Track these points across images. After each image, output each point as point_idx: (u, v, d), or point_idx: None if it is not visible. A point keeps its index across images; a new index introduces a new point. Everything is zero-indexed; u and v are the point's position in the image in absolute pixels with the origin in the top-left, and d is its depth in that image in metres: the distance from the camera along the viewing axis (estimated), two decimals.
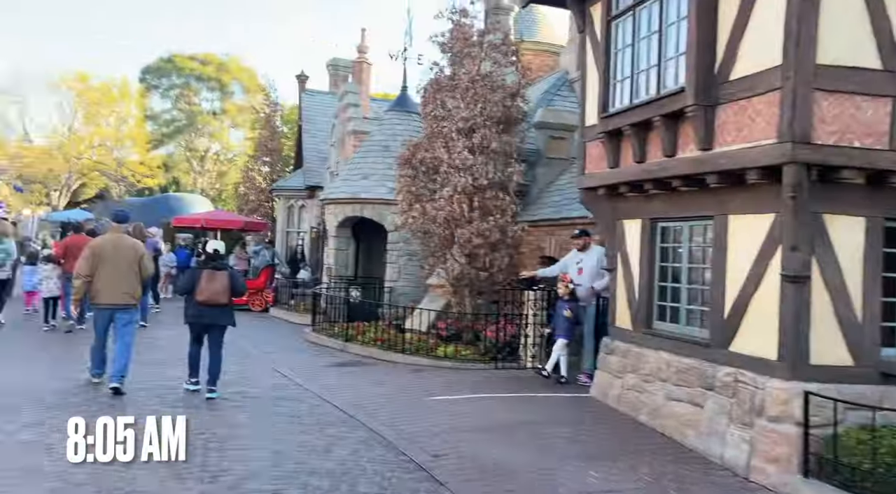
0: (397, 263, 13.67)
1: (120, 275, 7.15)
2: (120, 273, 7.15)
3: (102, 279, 7.10)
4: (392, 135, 14.41)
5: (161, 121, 50.90)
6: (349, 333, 10.89)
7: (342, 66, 24.77)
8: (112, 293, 7.12)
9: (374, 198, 13.67)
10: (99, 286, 7.11)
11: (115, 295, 7.13)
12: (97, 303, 7.21)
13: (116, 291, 7.12)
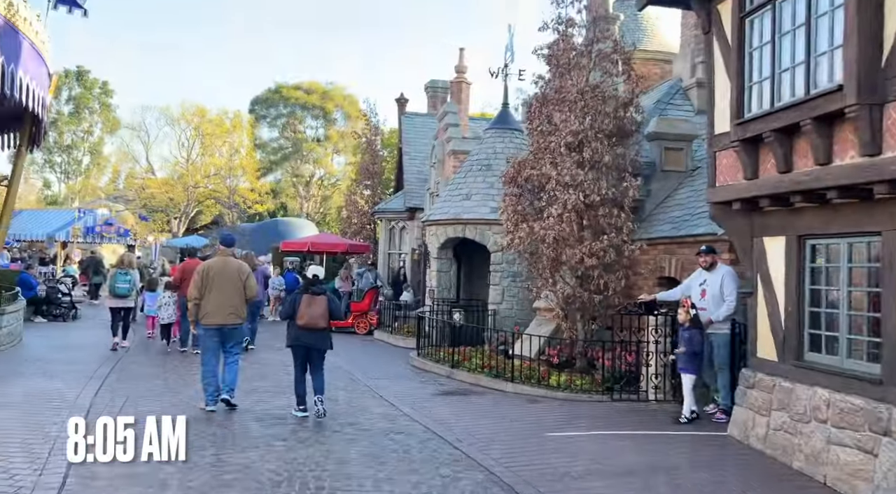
0: (500, 285, 13.23)
1: (226, 296, 7.44)
2: (226, 294, 7.43)
3: (210, 300, 7.41)
4: (493, 153, 14.08)
5: (269, 150, 53.56)
6: (455, 359, 10.53)
7: (440, 88, 24.85)
8: (220, 313, 7.42)
9: (476, 219, 13.34)
10: (208, 307, 7.43)
11: (222, 316, 7.43)
12: (207, 324, 7.50)
13: (223, 311, 7.43)
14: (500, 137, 14.30)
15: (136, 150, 47.30)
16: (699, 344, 7.47)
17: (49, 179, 54.80)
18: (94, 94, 53.63)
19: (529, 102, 10.09)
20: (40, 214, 37.90)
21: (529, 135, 9.99)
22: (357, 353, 12.98)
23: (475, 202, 13.49)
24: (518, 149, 14.15)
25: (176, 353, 11.71)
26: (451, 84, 22.02)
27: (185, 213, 44.85)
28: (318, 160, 53.88)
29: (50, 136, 52.90)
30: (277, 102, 53.62)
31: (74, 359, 10.54)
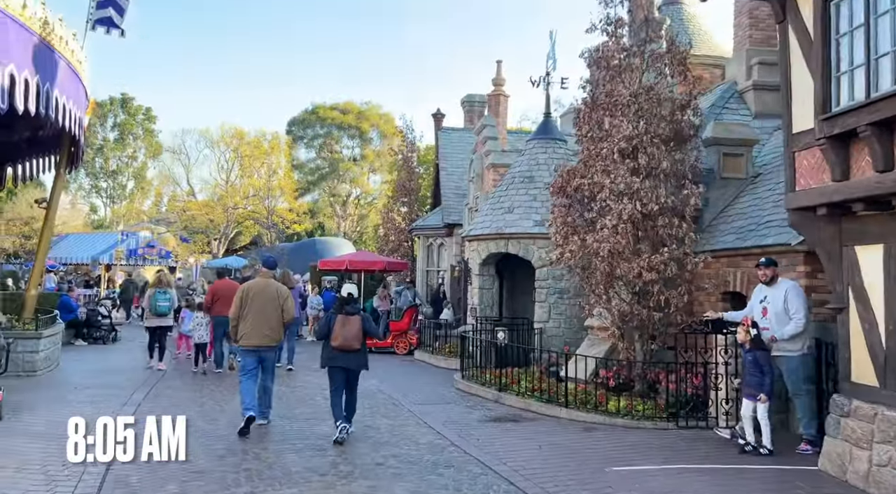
0: (546, 302, 12.57)
1: (264, 318, 7.48)
2: (264, 315, 7.48)
3: (249, 321, 7.46)
4: (536, 164, 13.52)
5: (306, 170, 53.96)
6: (503, 382, 9.90)
7: (477, 102, 24.44)
8: (257, 335, 7.47)
9: (520, 233, 12.76)
10: (246, 328, 7.47)
11: (258, 337, 7.48)
12: (244, 345, 7.55)
13: (260, 333, 7.48)
14: (542, 148, 13.73)
15: (177, 173, 48.08)
16: (763, 366, 6.74)
17: (95, 204, 56.31)
18: (138, 120, 55.10)
19: (577, 108, 9.50)
20: (85, 238, 38.66)
21: (578, 142, 9.39)
22: (397, 375, 12.45)
23: (518, 215, 12.92)
24: (562, 159, 13.57)
25: (211, 376, 11.37)
26: (489, 97, 21.59)
27: (225, 234, 45.27)
28: (355, 179, 54.08)
29: (96, 162, 54.56)
30: (314, 123, 54.12)
31: (109, 384, 10.25)
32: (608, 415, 8.12)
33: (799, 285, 7.16)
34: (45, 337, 11.13)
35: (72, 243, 36.99)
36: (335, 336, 7.07)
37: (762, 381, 6.70)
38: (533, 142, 13.96)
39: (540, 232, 12.55)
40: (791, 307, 6.85)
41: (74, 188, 55.20)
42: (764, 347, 6.82)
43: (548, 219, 12.65)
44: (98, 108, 54.53)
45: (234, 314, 7.55)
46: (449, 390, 10.76)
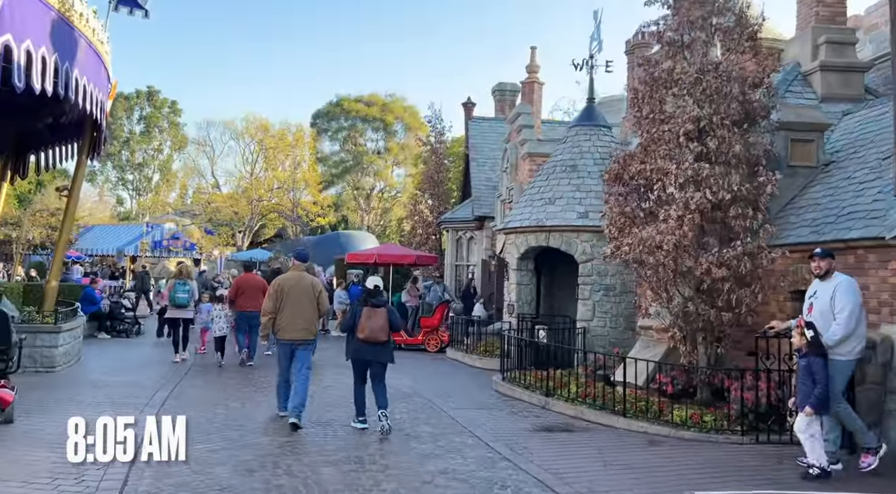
0: (591, 300, 11.78)
1: (300, 311, 7.43)
2: (300, 309, 7.43)
3: (285, 315, 7.40)
4: (579, 153, 12.70)
5: (330, 163, 53.49)
6: (549, 386, 9.14)
7: (508, 90, 23.64)
8: (293, 328, 7.42)
9: (562, 225, 11.96)
10: (282, 322, 7.42)
11: (295, 331, 7.43)
12: (280, 339, 7.52)
13: (296, 326, 7.43)
14: (586, 135, 12.91)
15: (201, 165, 47.90)
16: (815, 374, 5.90)
17: (122, 196, 56.59)
18: (164, 113, 55.21)
19: (634, 88, 8.68)
20: (110, 229, 38.63)
21: (637, 124, 8.58)
22: (431, 375, 11.77)
23: (560, 207, 12.13)
24: (607, 147, 12.74)
25: (237, 374, 10.80)
26: (523, 85, 20.78)
27: (250, 227, 45.00)
28: (379, 172, 53.56)
29: (122, 155, 54.78)
30: (339, 115, 53.61)
31: (131, 382, 9.71)
32: (672, 427, 7.34)
33: (855, 282, 6.33)
34: (64, 331, 10.63)
35: (97, 234, 36.98)
36: (361, 328, 7.03)
37: (810, 391, 5.89)
38: (575, 129, 13.14)
39: (584, 224, 11.77)
40: (837, 304, 6.06)
41: (101, 180, 55.65)
42: (822, 352, 6.01)
43: (592, 211, 11.88)
44: (125, 101, 54.75)
45: (269, 307, 7.46)
46: (489, 393, 10.04)
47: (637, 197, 8.39)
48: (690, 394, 8.26)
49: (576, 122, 13.34)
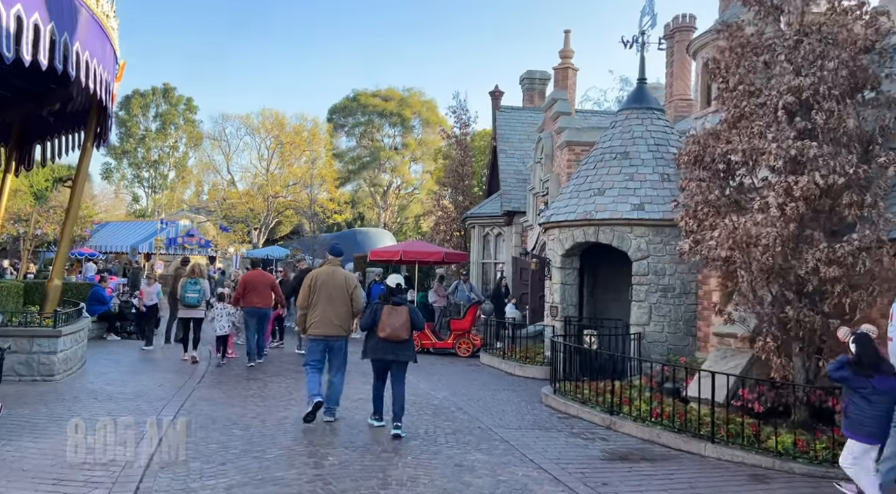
0: (646, 302, 10.57)
1: (332, 307, 7.22)
2: (332, 305, 7.22)
3: (318, 311, 7.20)
4: (631, 138, 11.49)
5: (347, 159, 52.51)
6: (611, 401, 7.95)
7: (538, 79, 22.45)
8: (325, 324, 7.20)
9: (614, 219, 10.76)
10: (314, 317, 7.22)
11: (328, 327, 7.22)
12: (312, 335, 7.29)
13: (329, 322, 7.21)
14: (637, 119, 11.69)
15: (217, 161, 47.06)
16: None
17: (137, 194, 56.10)
18: (179, 111, 54.65)
19: (714, 57, 7.46)
20: (124, 226, 37.84)
21: (718, 99, 7.37)
22: (469, 385, 10.61)
23: (610, 198, 10.93)
24: (662, 133, 11.53)
25: (254, 383, 9.72)
26: (556, 71, 19.61)
27: (265, 224, 44.11)
28: (396, 168, 52.52)
29: (138, 152, 54.25)
30: (355, 110, 52.62)
31: (138, 393, 8.66)
32: (776, 456, 6.13)
33: None
34: (65, 335, 9.60)
35: (111, 231, 36.20)
36: (382, 326, 6.84)
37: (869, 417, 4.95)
38: (625, 113, 11.92)
39: (640, 217, 10.57)
40: None
41: (118, 178, 55.18)
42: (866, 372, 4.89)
43: (648, 202, 10.67)
44: (140, 99, 54.21)
45: (302, 303, 7.31)
46: (539, 408, 8.87)
47: (719, 183, 7.17)
48: (781, 414, 7.05)
49: (626, 105, 12.11)
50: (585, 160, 12.07)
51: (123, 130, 54.25)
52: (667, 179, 10.84)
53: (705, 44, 15.11)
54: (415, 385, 10.18)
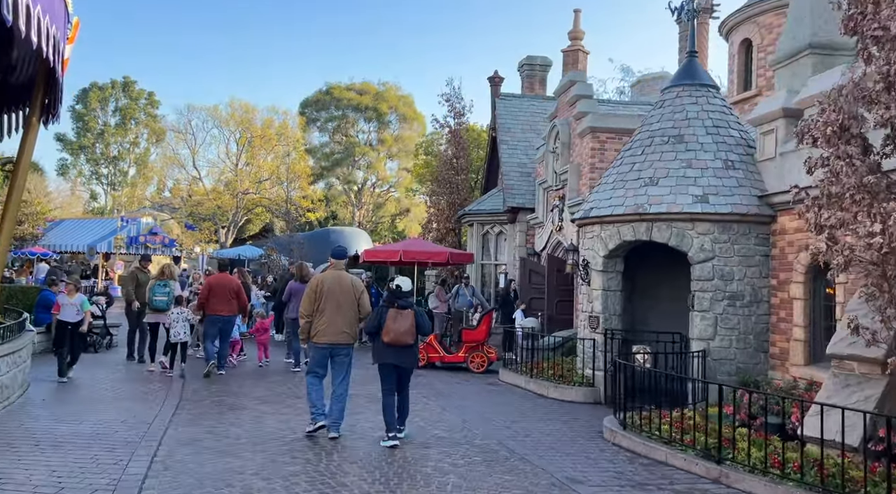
0: (711, 312, 8.95)
1: (340, 314, 6.91)
2: (341, 311, 6.92)
3: (324, 317, 6.89)
4: (685, 119, 9.86)
5: (319, 155, 50.26)
6: (708, 443, 6.25)
7: (539, 65, 20.80)
8: (332, 332, 6.89)
9: (672, 213, 9.10)
10: (320, 325, 6.89)
11: (335, 335, 6.91)
12: (317, 343, 6.96)
13: (336, 330, 6.90)
14: (691, 98, 10.06)
15: (182, 156, 44.32)
16: None
17: (96, 191, 53.07)
18: (140, 105, 51.85)
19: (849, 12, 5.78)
20: (81, 223, 35.08)
21: (857, 56, 5.71)
22: (504, 413, 8.85)
23: (666, 189, 9.28)
24: (721, 113, 9.93)
25: (247, 415, 7.80)
26: (565, 53, 17.96)
27: (234, 222, 41.65)
28: (371, 165, 50.51)
29: (97, 148, 51.20)
30: (329, 104, 50.39)
31: (95, 433, 6.69)
32: None
33: None
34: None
35: (67, 229, 33.45)
36: (386, 330, 6.64)
37: None
38: (675, 91, 10.28)
39: (704, 211, 8.93)
40: None
41: (74, 174, 52.02)
42: None
43: (712, 194, 9.04)
44: (99, 92, 51.16)
45: (306, 309, 6.96)
46: (606, 447, 7.13)
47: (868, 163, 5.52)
48: None
49: (675, 81, 10.46)
50: (629, 145, 10.40)
51: (80, 125, 51.26)
52: (731, 167, 9.25)
53: (742, 20, 13.63)
54: (438, 413, 8.40)
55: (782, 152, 8.71)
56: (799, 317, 8.29)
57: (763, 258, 8.97)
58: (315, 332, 6.89)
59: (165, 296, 10.88)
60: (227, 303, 10.44)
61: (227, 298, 10.45)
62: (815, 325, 8.23)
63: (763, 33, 12.94)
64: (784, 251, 8.70)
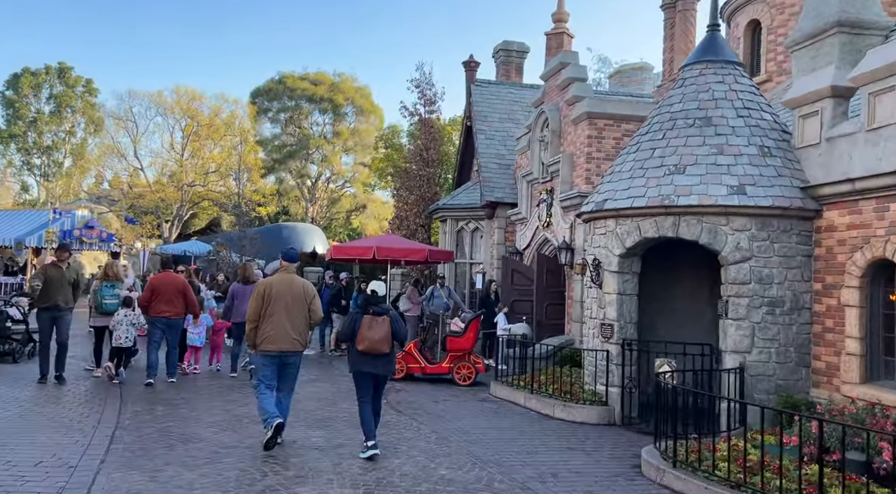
0: (748, 320, 7.78)
1: (290, 319, 6.58)
2: (292, 317, 6.60)
3: (273, 323, 6.53)
4: (711, 99, 8.67)
5: (271, 147, 47.93)
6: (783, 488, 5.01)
7: (515, 51, 19.52)
8: (282, 338, 6.53)
9: (705, 206, 7.88)
10: (268, 331, 6.52)
11: (284, 341, 6.54)
12: (265, 350, 6.53)
13: (286, 336, 6.55)
14: (716, 76, 8.88)
15: (122, 144, 41.34)
16: None
17: (27, 182, 49.36)
18: (77, 92, 48.32)
19: None
20: (8, 215, 31.97)
21: None
22: (508, 438, 7.47)
23: (695, 178, 8.06)
24: (751, 93, 8.80)
25: (203, 456, 6.19)
26: (548, 37, 16.75)
27: (179, 216, 39.09)
28: (326, 159, 48.54)
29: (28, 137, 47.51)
30: (281, 94, 48.13)
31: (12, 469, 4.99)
32: None
33: None
34: None
35: None
36: (361, 338, 6.36)
37: None
38: (698, 68, 9.08)
39: (742, 203, 7.75)
40: None
41: (3, 164, 48.23)
42: None
43: (749, 184, 7.88)
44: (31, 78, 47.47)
45: (253, 314, 6.55)
46: (647, 486, 5.84)
47: None
48: None
49: (697, 57, 9.24)
50: (645, 128, 9.15)
51: (11, 112, 47.55)
52: (768, 154, 8.10)
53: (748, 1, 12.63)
54: (436, 443, 6.99)
55: (829, 137, 7.60)
56: (853, 328, 7.19)
57: (805, 259, 7.86)
58: (262, 339, 6.50)
59: (115, 298, 10.24)
60: (172, 304, 9.70)
61: (171, 298, 9.72)
62: (873, 336, 7.15)
63: (773, 13, 11.95)
64: (832, 251, 7.60)
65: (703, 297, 9.98)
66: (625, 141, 12.03)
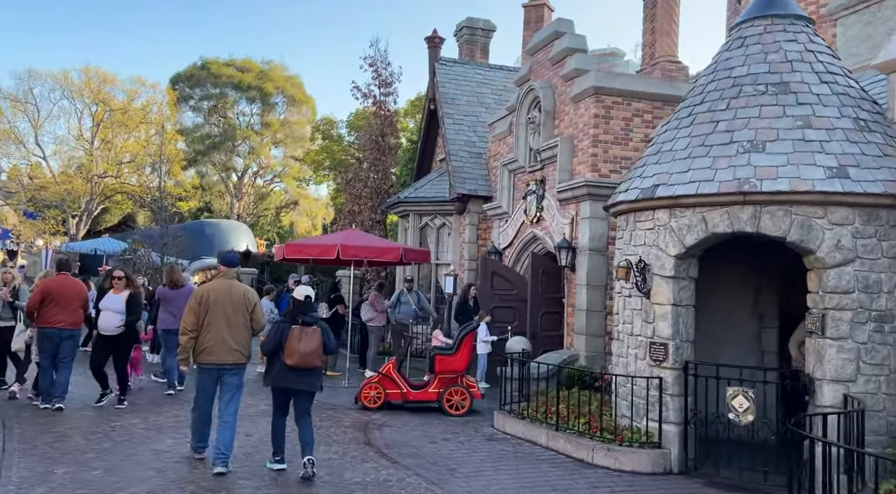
0: (851, 339, 6.07)
1: (231, 329, 6.12)
2: (232, 327, 6.12)
3: (211, 333, 6.06)
4: (786, 61, 6.93)
5: (193, 138, 44.05)
6: None
7: (481, 30, 17.57)
8: (222, 349, 6.08)
9: (795, 193, 6.11)
10: (206, 342, 6.07)
11: (224, 352, 6.09)
12: (202, 363, 6.13)
13: (226, 347, 6.09)
14: (786, 33, 7.15)
15: (21, 130, 36.59)
16: None
17: None
18: None
19: None
20: None
21: None
22: None
23: (781, 157, 6.29)
24: (830, 55, 7.13)
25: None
26: (527, 9, 14.91)
27: (88, 211, 34.99)
28: (253, 151, 45.19)
29: None
30: (205, 80, 44.40)
31: None
32: None
33: None
34: None
35: None
36: (290, 351, 5.79)
37: None
38: (762, 24, 7.32)
39: (846, 190, 6.04)
40: None
41: None
42: None
43: (851, 165, 6.17)
44: None
45: (189, 324, 6.03)
46: None
47: None
48: None
49: (754, 12, 7.43)
50: (696, 98, 7.31)
51: None
52: (865, 128, 6.44)
53: None
54: None
55: None
56: None
57: None
58: (200, 350, 6.07)
59: None
60: (68, 312, 8.31)
61: (68, 307, 8.35)
62: None
63: None
64: None
65: (746, 305, 8.35)
66: (635, 122, 10.28)
